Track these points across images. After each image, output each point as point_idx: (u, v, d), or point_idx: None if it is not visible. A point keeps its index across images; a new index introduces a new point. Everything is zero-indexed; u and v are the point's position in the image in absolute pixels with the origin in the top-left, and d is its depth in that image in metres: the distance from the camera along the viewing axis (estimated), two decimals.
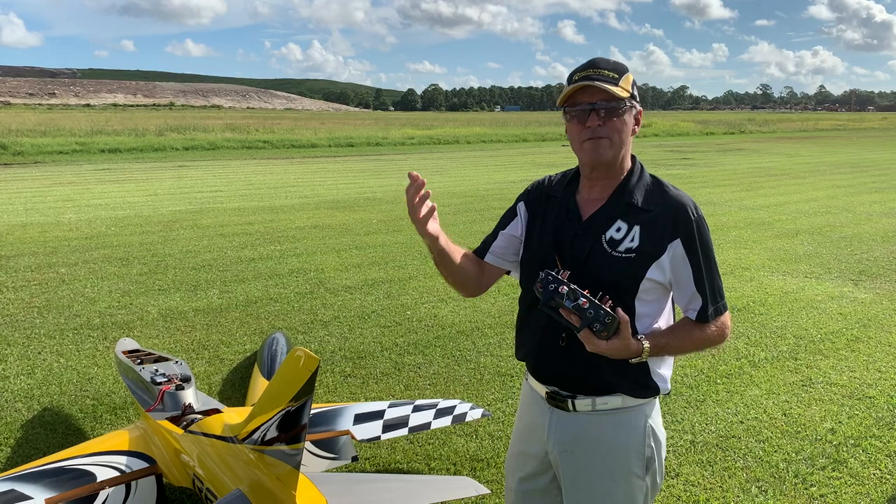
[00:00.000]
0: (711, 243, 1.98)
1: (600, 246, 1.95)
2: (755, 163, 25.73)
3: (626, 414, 2.02)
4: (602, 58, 1.95)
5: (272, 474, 2.54)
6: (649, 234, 1.93)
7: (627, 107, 1.92)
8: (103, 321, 6.39)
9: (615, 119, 1.91)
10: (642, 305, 1.95)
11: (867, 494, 3.60)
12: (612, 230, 1.95)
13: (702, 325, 1.97)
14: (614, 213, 1.97)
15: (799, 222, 12.07)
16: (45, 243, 9.85)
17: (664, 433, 2.11)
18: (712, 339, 1.99)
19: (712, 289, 1.97)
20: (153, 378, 3.63)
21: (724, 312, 2.01)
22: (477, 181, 18.70)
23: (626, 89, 1.90)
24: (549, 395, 2.07)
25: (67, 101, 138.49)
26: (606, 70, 1.91)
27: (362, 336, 6.03)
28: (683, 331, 1.98)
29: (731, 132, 53.02)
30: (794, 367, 5.37)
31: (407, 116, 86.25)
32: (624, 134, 1.93)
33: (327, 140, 35.21)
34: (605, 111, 1.89)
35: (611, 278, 1.91)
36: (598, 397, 2.00)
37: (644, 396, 2.02)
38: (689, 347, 2.00)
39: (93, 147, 28.70)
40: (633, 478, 2.02)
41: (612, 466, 2.02)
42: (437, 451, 4.03)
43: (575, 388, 2.02)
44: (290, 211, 13.12)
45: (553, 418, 2.07)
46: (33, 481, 2.86)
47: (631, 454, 2.02)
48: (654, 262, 1.92)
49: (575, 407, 2.02)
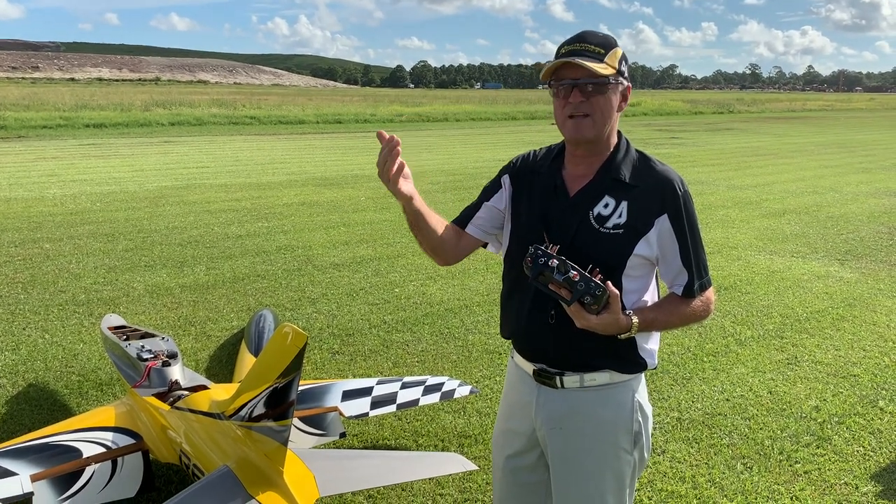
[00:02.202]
0: (697, 219, 1.98)
1: (588, 222, 1.93)
2: (743, 142, 25.78)
3: (614, 389, 2.02)
4: (591, 31, 1.90)
5: (260, 451, 2.53)
6: (637, 209, 1.92)
7: (612, 84, 1.87)
8: (89, 297, 6.33)
9: (599, 96, 1.86)
10: (630, 281, 1.95)
11: (851, 471, 3.65)
12: (599, 206, 1.94)
13: (688, 300, 1.97)
14: (601, 189, 1.95)
15: (786, 202, 12.12)
16: (28, 218, 9.74)
17: (651, 408, 2.11)
18: (697, 313, 2.00)
19: (698, 264, 1.96)
20: (139, 354, 3.60)
21: (709, 287, 2.02)
22: (466, 159, 18.64)
23: (611, 66, 1.85)
24: (537, 373, 2.06)
25: (51, 74, 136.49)
26: (593, 45, 1.86)
27: (350, 313, 6.01)
28: (670, 306, 1.98)
29: (719, 112, 53.04)
30: (780, 345, 5.40)
31: (396, 93, 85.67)
32: (607, 112, 1.89)
33: (315, 116, 34.94)
34: (591, 86, 1.85)
35: (598, 255, 1.90)
36: (586, 374, 2.00)
37: (632, 372, 2.02)
38: (676, 322, 2.00)
39: (77, 122, 28.35)
40: (621, 452, 2.02)
41: (601, 442, 2.02)
42: (425, 428, 4.04)
43: (563, 366, 2.01)
44: (278, 187, 13.04)
45: (541, 396, 2.06)
46: (19, 457, 2.84)
47: (619, 429, 2.02)
48: (641, 237, 1.91)
49: (563, 384, 2.02)
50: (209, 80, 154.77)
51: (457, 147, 22.57)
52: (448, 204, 11.40)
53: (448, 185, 13.69)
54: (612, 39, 1.89)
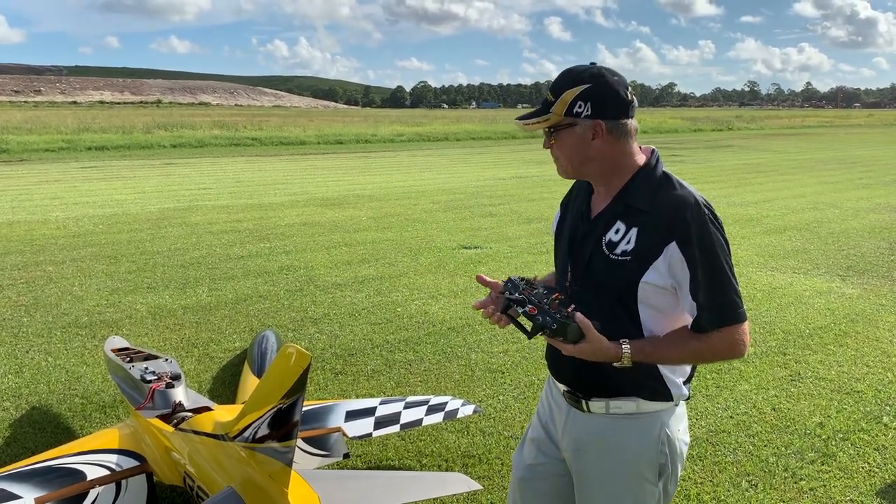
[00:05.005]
0: (718, 247, 1.83)
1: (600, 248, 1.93)
2: (743, 159, 25.86)
3: (641, 420, 1.98)
4: (561, 73, 1.92)
5: (264, 472, 2.53)
6: (646, 235, 1.86)
7: (565, 126, 1.89)
8: (91, 319, 6.34)
9: (559, 141, 1.93)
10: (648, 310, 1.90)
11: (856, 488, 3.63)
12: (611, 232, 1.92)
13: (699, 336, 1.85)
14: (614, 214, 1.94)
15: (787, 218, 12.14)
16: (31, 241, 9.77)
17: (686, 440, 2.06)
18: (717, 351, 1.88)
19: (712, 296, 1.82)
20: (143, 376, 3.61)
21: (734, 324, 1.84)
22: (467, 178, 18.69)
23: (557, 113, 1.87)
24: (566, 394, 2.08)
25: (53, 98, 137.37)
26: (551, 93, 1.90)
27: (353, 333, 6.02)
28: (677, 339, 1.88)
29: (719, 129, 53.23)
30: (783, 362, 5.40)
31: (396, 113, 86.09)
32: (573, 150, 1.91)
33: (316, 137, 35.11)
34: (550, 134, 1.94)
35: (608, 281, 1.90)
36: (612, 400, 1.98)
37: (657, 400, 1.98)
38: (686, 357, 1.91)
39: (80, 144, 28.51)
40: (644, 483, 2.00)
41: (623, 469, 2.00)
42: (429, 448, 4.03)
43: (586, 391, 2.02)
44: (280, 208, 13.08)
45: (570, 416, 2.08)
46: (23, 480, 2.84)
47: (642, 460, 1.98)
48: (650, 265, 1.85)
49: (589, 408, 2.02)
50: (210, 101, 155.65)
51: (458, 166, 22.62)
52: (450, 223, 11.44)
53: (450, 203, 13.73)
54: (568, 80, 1.88)
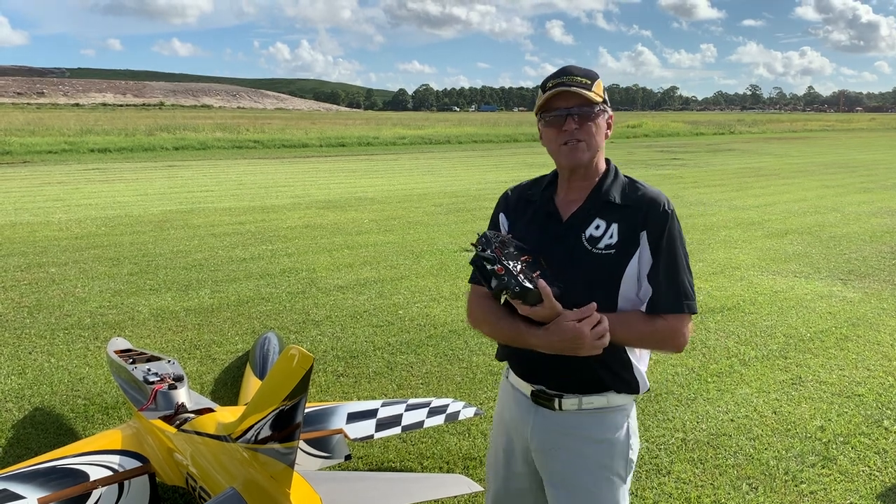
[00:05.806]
0: (679, 241, 1.98)
1: (581, 244, 1.99)
2: (745, 163, 25.85)
3: (611, 413, 2.06)
4: (573, 65, 2.01)
5: (266, 473, 2.54)
6: (626, 229, 1.97)
7: (600, 110, 1.99)
8: (94, 321, 6.36)
9: (590, 123, 1.97)
10: (627, 301, 1.97)
11: (856, 491, 3.64)
12: (591, 228, 2.00)
13: (649, 319, 1.94)
14: (592, 211, 2.02)
15: (788, 222, 12.14)
16: (34, 243, 9.80)
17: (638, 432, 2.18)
18: (659, 337, 1.95)
19: (669, 283, 1.94)
20: (146, 377, 3.62)
21: (682, 314, 1.95)
22: (468, 181, 18.71)
23: (598, 94, 1.97)
24: (535, 394, 2.10)
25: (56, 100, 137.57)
26: (579, 76, 1.97)
27: (354, 335, 6.03)
28: (631, 319, 1.94)
29: (720, 132, 53.22)
30: (784, 365, 5.40)
31: (398, 116, 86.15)
32: (598, 137, 2.00)
33: (318, 140, 35.13)
34: (580, 116, 1.96)
35: (592, 275, 1.95)
36: (585, 396, 2.03)
37: (624, 393, 2.05)
38: (632, 338, 1.95)
39: (82, 146, 28.54)
40: (615, 475, 2.07)
41: (596, 465, 2.06)
42: (430, 450, 4.04)
43: (563, 387, 2.04)
44: (282, 211, 13.10)
45: (537, 417, 2.10)
46: (26, 481, 2.85)
47: (616, 452, 2.06)
48: (632, 256, 1.95)
49: (561, 406, 2.05)
50: (213, 104, 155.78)
51: (459, 169, 22.64)
52: (451, 226, 11.45)
53: (451, 206, 13.75)
54: (593, 72, 2.01)
